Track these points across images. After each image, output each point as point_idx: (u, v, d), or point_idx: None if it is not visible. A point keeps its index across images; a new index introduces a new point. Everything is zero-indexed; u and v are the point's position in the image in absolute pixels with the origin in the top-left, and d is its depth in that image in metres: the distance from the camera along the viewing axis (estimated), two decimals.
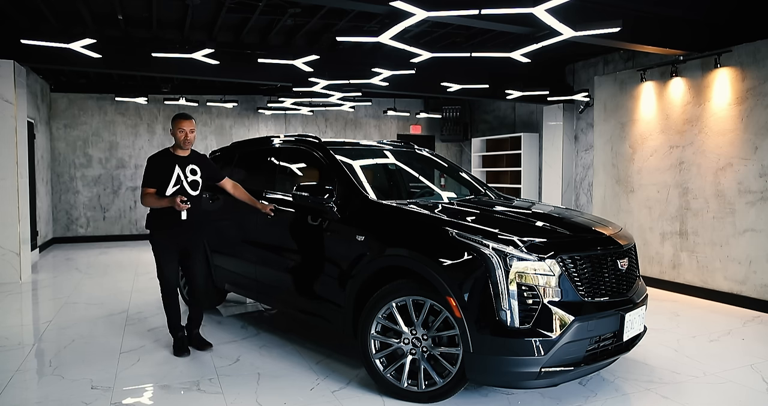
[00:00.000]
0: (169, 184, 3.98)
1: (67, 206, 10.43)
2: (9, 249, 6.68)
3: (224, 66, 7.20)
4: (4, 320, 5.07)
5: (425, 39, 7.36)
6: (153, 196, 3.97)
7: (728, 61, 5.86)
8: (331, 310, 3.75)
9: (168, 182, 3.98)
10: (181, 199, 3.81)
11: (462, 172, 4.93)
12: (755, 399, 3.38)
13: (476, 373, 3.01)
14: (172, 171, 4.00)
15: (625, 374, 3.74)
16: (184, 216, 3.94)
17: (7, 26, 6.40)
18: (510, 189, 10.29)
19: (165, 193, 3.98)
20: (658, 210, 6.69)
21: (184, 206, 3.83)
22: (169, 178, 3.98)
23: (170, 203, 3.85)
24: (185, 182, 4.04)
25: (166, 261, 4.05)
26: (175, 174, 4.00)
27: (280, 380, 3.64)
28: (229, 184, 4.36)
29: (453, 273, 3.01)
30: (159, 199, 3.95)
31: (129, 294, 6.12)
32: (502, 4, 4.20)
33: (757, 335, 4.72)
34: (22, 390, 3.47)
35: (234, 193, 4.37)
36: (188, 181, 4.05)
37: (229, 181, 4.37)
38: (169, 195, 3.96)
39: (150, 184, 3.99)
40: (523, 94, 8.28)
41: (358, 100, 10.33)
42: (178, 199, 3.80)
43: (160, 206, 3.95)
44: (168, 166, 4.01)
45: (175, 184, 4.00)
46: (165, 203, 3.89)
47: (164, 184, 3.98)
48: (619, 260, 3.31)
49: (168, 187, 3.98)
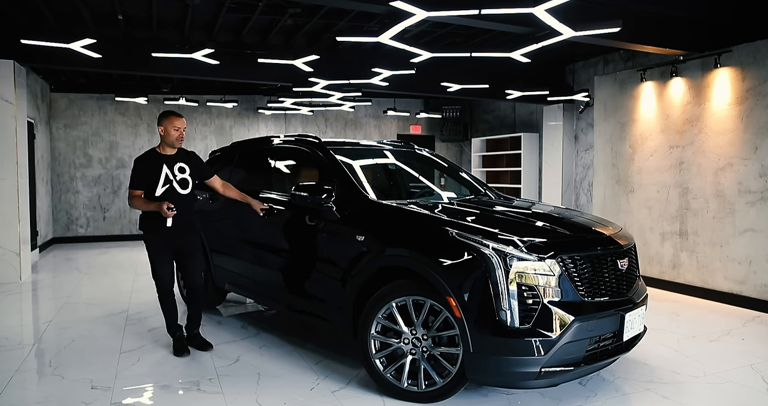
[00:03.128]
0: (158, 185, 3.94)
1: (67, 206, 10.43)
2: (9, 249, 6.68)
3: (224, 66, 7.20)
4: (4, 320, 5.08)
5: (425, 39, 7.36)
6: (140, 198, 3.94)
7: (728, 61, 5.86)
8: (331, 310, 3.75)
9: (157, 183, 3.94)
10: (167, 205, 3.77)
11: (462, 172, 4.93)
12: (755, 399, 3.39)
13: (476, 373, 3.00)
14: (160, 171, 3.96)
15: (625, 374, 3.74)
16: (170, 223, 3.88)
17: (7, 26, 6.40)
18: (510, 189, 10.29)
19: (155, 193, 3.94)
20: (658, 210, 6.69)
21: (170, 214, 3.78)
22: (158, 179, 3.94)
23: (156, 208, 3.82)
24: (174, 181, 4.00)
25: (159, 262, 4.04)
26: (164, 174, 3.96)
27: (280, 380, 3.64)
28: (218, 182, 4.33)
29: (453, 273, 3.01)
30: (146, 202, 3.91)
31: (129, 294, 6.12)
32: (502, 4, 4.20)
33: (757, 335, 4.72)
34: (22, 390, 3.47)
35: (224, 191, 4.35)
36: (177, 180, 4.02)
37: (218, 180, 4.34)
38: (158, 196, 3.93)
39: (137, 185, 3.95)
40: (523, 94, 8.28)
41: (358, 100, 10.33)
42: (165, 205, 3.76)
43: (147, 210, 3.92)
44: (155, 167, 3.97)
45: (164, 183, 3.96)
46: (152, 207, 3.86)
47: (153, 185, 3.94)
48: (619, 260, 3.31)
49: (157, 188, 3.94)
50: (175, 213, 3.82)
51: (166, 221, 3.87)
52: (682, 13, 5.50)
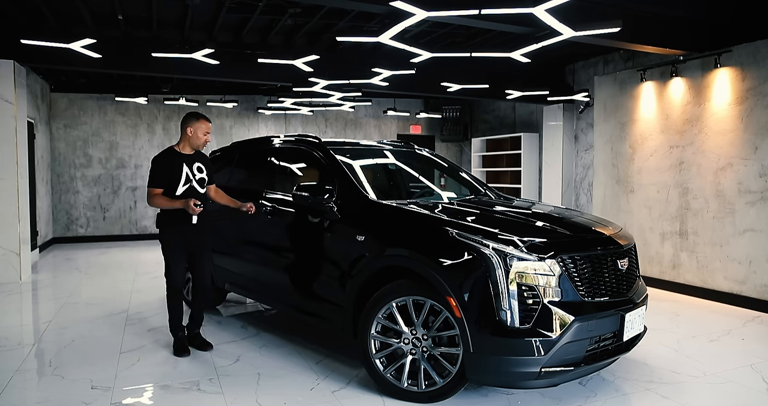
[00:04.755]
0: (179, 184, 3.96)
1: (67, 206, 10.43)
2: (9, 249, 6.68)
3: (224, 66, 7.20)
4: (4, 320, 5.08)
5: (425, 39, 7.36)
6: (162, 197, 3.93)
7: (728, 61, 5.86)
8: (331, 310, 3.75)
9: (178, 182, 3.96)
10: (194, 202, 3.79)
11: (462, 172, 4.93)
12: (755, 399, 3.39)
13: (476, 373, 3.01)
14: (181, 170, 3.98)
15: (625, 374, 3.74)
16: (195, 220, 3.93)
17: (7, 26, 6.40)
18: (510, 189, 10.29)
19: (175, 192, 3.95)
20: (658, 210, 6.69)
21: (197, 210, 3.81)
22: (179, 178, 3.96)
23: (183, 205, 3.82)
24: (194, 180, 4.03)
25: (175, 261, 4.04)
26: (185, 173, 3.99)
27: (280, 380, 3.64)
28: (212, 189, 4.31)
29: (453, 273, 3.01)
30: (170, 200, 3.91)
31: (129, 294, 6.12)
32: (502, 4, 4.20)
33: (757, 335, 4.72)
34: (22, 390, 3.47)
35: (216, 197, 4.32)
36: (197, 179, 4.05)
37: (213, 187, 4.33)
38: (180, 195, 3.94)
39: (157, 184, 3.94)
40: (523, 94, 8.28)
41: (358, 100, 10.33)
42: (192, 202, 3.79)
43: (172, 207, 3.92)
44: (176, 166, 3.98)
45: (185, 183, 3.98)
46: (178, 204, 3.87)
47: (173, 184, 3.95)
48: (619, 260, 3.31)
49: (178, 187, 3.96)
50: (202, 210, 3.86)
51: (187, 219, 3.90)
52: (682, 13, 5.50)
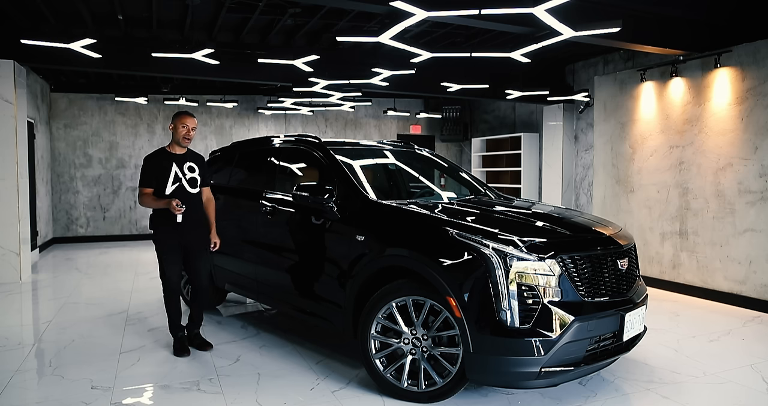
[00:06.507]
0: (167, 183, 3.98)
1: (67, 206, 10.42)
2: (9, 249, 6.68)
3: (224, 66, 7.20)
4: (4, 320, 5.07)
5: (425, 39, 7.36)
6: (150, 196, 3.96)
7: (728, 61, 5.85)
8: (331, 310, 3.75)
9: (166, 181, 3.98)
10: (176, 202, 3.80)
11: (462, 172, 4.93)
12: (755, 399, 3.39)
13: (476, 373, 3.01)
14: (170, 169, 3.99)
15: (625, 374, 3.74)
16: (180, 219, 3.91)
17: (7, 26, 6.40)
18: (510, 189, 10.29)
19: (164, 191, 3.97)
20: (658, 210, 6.69)
21: (179, 210, 3.81)
22: (167, 177, 3.98)
23: (166, 205, 3.85)
24: (184, 180, 4.03)
25: (168, 261, 4.04)
26: (173, 172, 4.00)
27: (280, 380, 3.64)
28: (206, 195, 4.27)
29: (453, 273, 3.01)
30: (156, 200, 3.94)
31: (129, 294, 6.12)
32: (502, 4, 4.20)
33: (757, 335, 4.72)
34: (22, 390, 3.47)
35: (206, 204, 4.26)
36: (187, 179, 4.05)
37: (208, 192, 4.29)
38: (167, 195, 3.96)
39: (147, 184, 3.98)
40: (523, 94, 8.28)
41: (358, 100, 10.33)
42: (174, 202, 3.80)
43: (157, 207, 3.95)
44: (165, 165, 4.00)
45: (173, 182, 3.99)
46: (162, 204, 3.89)
47: (162, 183, 3.97)
48: (619, 260, 3.31)
49: (167, 186, 3.97)
50: (184, 210, 3.85)
51: (176, 217, 3.89)
52: (682, 13, 5.51)
